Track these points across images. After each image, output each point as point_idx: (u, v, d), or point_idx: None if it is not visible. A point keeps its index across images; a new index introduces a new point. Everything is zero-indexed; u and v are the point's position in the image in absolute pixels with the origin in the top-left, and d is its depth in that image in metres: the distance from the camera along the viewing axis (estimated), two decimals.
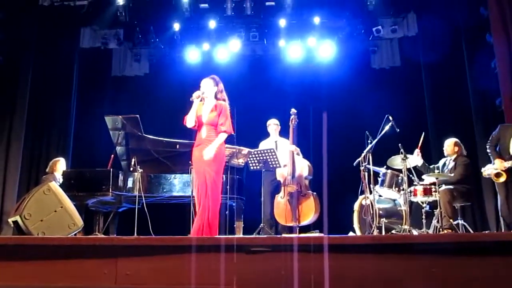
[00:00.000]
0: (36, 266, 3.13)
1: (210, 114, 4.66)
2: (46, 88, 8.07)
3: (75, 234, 4.79)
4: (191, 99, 4.65)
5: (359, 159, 5.66)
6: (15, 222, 4.57)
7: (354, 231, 5.90)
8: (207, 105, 4.73)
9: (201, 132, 4.64)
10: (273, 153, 5.91)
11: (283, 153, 6.17)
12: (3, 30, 7.41)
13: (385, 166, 5.99)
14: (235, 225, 6.30)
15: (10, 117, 7.57)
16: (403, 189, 5.64)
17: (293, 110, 6.19)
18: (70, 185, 6.00)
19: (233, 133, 4.75)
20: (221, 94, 4.78)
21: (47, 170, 6.60)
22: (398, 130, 5.64)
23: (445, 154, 6.08)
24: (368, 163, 5.62)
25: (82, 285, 3.03)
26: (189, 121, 4.63)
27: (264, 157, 5.93)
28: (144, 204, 6.06)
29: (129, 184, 6.22)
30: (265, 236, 5.42)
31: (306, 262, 2.94)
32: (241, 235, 6.01)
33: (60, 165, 6.62)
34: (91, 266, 3.06)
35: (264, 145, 6.34)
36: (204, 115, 4.67)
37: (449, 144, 6.05)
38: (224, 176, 6.22)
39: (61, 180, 6.36)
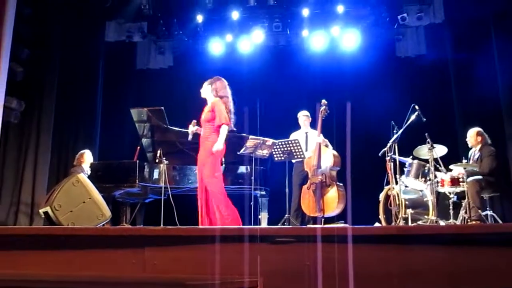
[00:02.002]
0: (67, 255, 3.22)
1: (206, 113, 4.98)
2: (73, 82, 8.22)
3: (103, 225, 4.91)
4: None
5: (385, 149, 5.63)
6: (46, 213, 4.71)
7: (379, 222, 5.88)
8: (207, 106, 5.04)
9: (202, 132, 4.99)
10: (297, 144, 5.93)
11: (313, 144, 6.20)
12: (30, 25, 7.57)
13: (411, 156, 5.93)
14: (259, 216, 6.36)
15: (38, 112, 7.75)
16: (429, 180, 5.58)
17: (323, 101, 6.19)
18: (97, 177, 6.14)
19: (230, 124, 4.95)
20: (217, 91, 5.02)
21: (74, 162, 6.74)
22: (425, 119, 5.57)
23: (469, 145, 5.98)
24: (394, 153, 5.58)
25: (111, 273, 3.11)
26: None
27: (289, 148, 5.95)
28: (170, 195, 6.16)
29: (155, 175, 6.33)
30: (290, 226, 5.46)
31: (330, 253, 2.94)
32: (266, 226, 6.06)
33: (87, 157, 6.76)
34: (120, 256, 3.13)
35: (294, 136, 6.38)
36: (202, 115, 4.99)
37: (472, 135, 5.94)
38: (247, 167, 6.29)
39: (89, 172, 6.49)
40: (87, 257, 3.20)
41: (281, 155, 6.01)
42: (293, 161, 6.36)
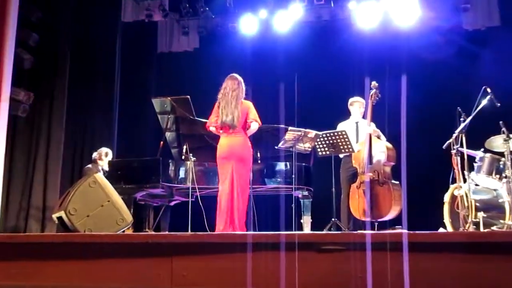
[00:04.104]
0: (85, 265, 3.33)
1: None
2: (86, 70, 8.43)
3: (123, 231, 5.04)
4: None
5: (450, 140, 5.53)
6: (60, 218, 4.84)
7: (444, 227, 5.80)
8: None
9: None
10: (345, 136, 5.92)
11: (363, 136, 6.19)
12: (38, 7, 7.78)
13: (482, 149, 5.81)
14: (301, 221, 6.39)
15: (49, 103, 7.98)
16: (505, 177, 5.46)
17: (374, 84, 6.16)
18: (116, 176, 6.29)
19: (210, 128, 5.67)
20: None
21: (94, 155, 6.94)
22: (499, 104, 5.45)
23: None
24: (461, 146, 5.48)
25: (134, 286, 3.20)
26: None
27: (335, 141, 5.95)
28: (198, 197, 6.25)
29: (181, 174, 6.44)
30: (336, 232, 5.46)
31: (382, 263, 2.94)
32: (309, 231, 6.08)
33: (106, 157, 6.93)
34: (144, 266, 3.21)
35: (342, 127, 6.37)
36: None
37: None
38: (287, 163, 6.32)
39: (106, 168, 6.66)
40: (107, 268, 3.30)
41: (326, 149, 6.01)
42: (341, 156, 6.36)
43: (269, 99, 8.35)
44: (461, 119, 5.52)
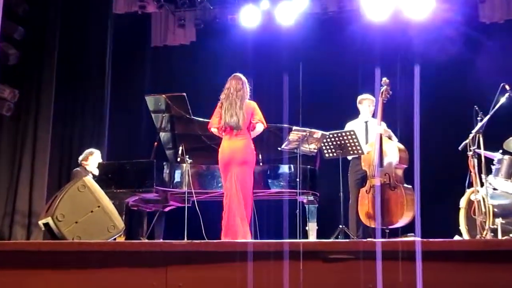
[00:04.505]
0: (74, 275, 3.33)
1: None
2: (76, 65, 8.44)
3: (114, 239, 5.04)
4: None
5: (466, 141, 5.53)
6: (46, 225, 4.83)
7: (460, 235, 5.80)
8: None
9: None
10: (354, 136, 5.92)
11: (373, 136, 6.19)
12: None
13: (500, 151, 5.81)
14: (307, 228, 6.38)
15: (36, 101, 7.99)
16: None
17: (384, 80, 6.17)
18: (106, 180, 6.29)
19: (212, 129, 5.80)
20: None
21: (80, 158, 6.94)
22: None
23: None
24: (478, 147, 5.48)
25: None
26: None
27: (342, 141, 5.96)
28: (195, 202, 6.26)
29: (177, 178, 6.45)
30: (344, 240, 5.46)
31: (394, 273, 2.94)
32: (315, 239, 6.08)
33: (95, 157, 6.93)
34: (137, 276, 3.21)
35: (350, 126, 6.37)
36: None
37: None
38: (291, 166, 6.32)
39: (95, 173, 6.66)
40: (97, 278, 3.29)
41: (333, 150, 6.01)
42: (349, 158, 6.36)
43: (271, 97, 8.33)
44: (478, 118, 5.52)
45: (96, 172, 6.73)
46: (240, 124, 5.56)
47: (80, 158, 7.05)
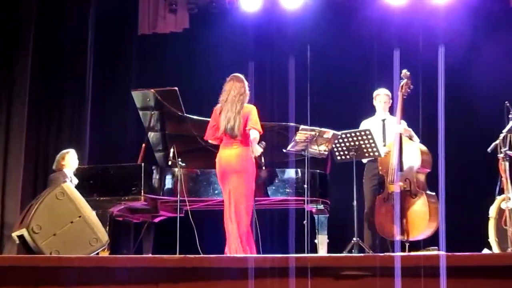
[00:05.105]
0: None
1: None
2: (53, 54, 8.42)
3: (98, 253, 5.06)
4: None
5: (496, 142, 5.55)
6: (21, 237, 4.87)
7: (489, 248, 5.82)
8: None
9: None
10: (369, 137, 5.93)
11: (392, 136, 6.20)
12: None
13: None
14: (316, 240, 6.39)
15: (8, 94, 7.95)
16: None
17: (404, 73, 6.17)
18: (88, 187, 6.29)
19: (207, 139, 5.89)
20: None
21: (54, 166, 6.93)
22: None
23: None
24: (510, 148, 5.50)
25: None
26: None
27: (357, 142, 5.96)
28: (189, 211, 6.27)
29: (168, 184, 6.45)
30: (358, 255, 5.47)
31: None
32: (325, 254, 6.09)
33: (71, 159, 6.92)
34: None
35: (365, 125, 6.38)
36: None
37: None
38: (298, 170, 6.33)
39: (74, 180, 6.68)
40: None
41: (346, 152, 6.02)
42: (364, 161, 6.37)
43: (275, 91, 8.37)
44: (510, 116, 5.54)
45: (76, 181, 6.71)
46: (235, 131, 5.63)
47: (56, 161, 7.04)
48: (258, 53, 8.18)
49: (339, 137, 5.99)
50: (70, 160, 6.86)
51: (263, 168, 6.41)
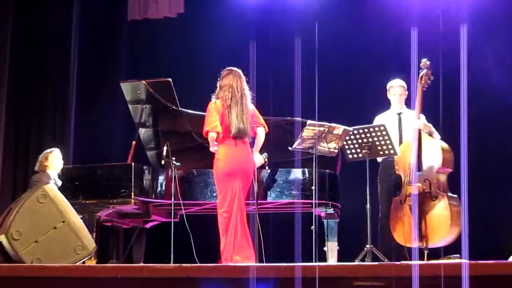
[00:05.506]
0: None
1: None
2: (34, 41, 8.44)
3: (83, 262, 5.08)
4: None
5: None
6: None
7: None
8: None
9: None
10: (384, 133, 5.93)
11: (410, 132, 6.19)
12: None
13: None
14: (325, 248, 6.40)
15: None
16: None
17: (424, 62, 6.16)
18: (73, 189, 6.33)
19: (215, 131, 5.68)
20: (219, 93, 5.85)
21: (36, 167, 6.94)
22: None
23: None
24: None
25: None
26: None
27: (370, 139, 5.96)
28: (184, 216, 6.28)
29: (161, 185, 6.48)
30: (372, 263, 5.48)
31: None
32: (335, 262, 6.10)
33: (55, 158, 6.93)
34: None
35: (381, 120, 6.38)
36: None
37: None
38: (305, 170, 6.34)
39: (59, 182, 6.69)
40: None
41: (359, 150, 6.02)
42: (379, 159, 6.38)
43: (280, 82, 8.36)
44: None
45: (60, 183, 6.72)
46: (246, 133, 5.74)
47: (39, 161, 7.05)
48: (261, 40, 8.14)
49: (351, 133, 5.99)
50: (54, 160, 6.87)
51: (266, 168, 6.42)
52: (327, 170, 6.50)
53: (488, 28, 7.76)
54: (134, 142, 6.66)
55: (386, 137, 5.96)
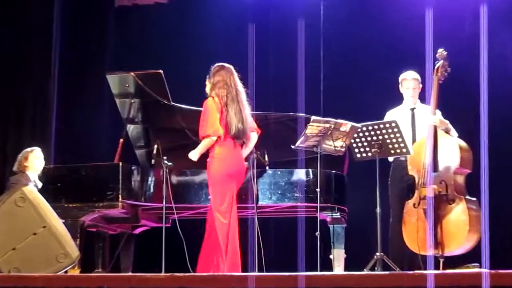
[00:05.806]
0: None
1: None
2: (13, 29, 8.46)
3: (66, 271, 5.07)
4: None
5: None
6: None
7: None
8: None
9: None
10: (396, 130, 5.93)
11: (424, 129, 6.19)
12: None
13: None
14: (331, 256, 6.41)
15: None
16: None
17: (441, 52, 6.15)
18: (54, 191, 6.31)
19: (218, 135, 5.75)
20: (213, 90, 5.90)
21: (14, 168, 6.94)
22: None
23: None
24: None
25: None
26: None
27: (380, 136, 5.96)
28: (177, 220, 6.28)
29: (151, 187, 6.48)
30: (383, 273, 5.48)
31: None
32: (342, 271, 6.10)
33: (36, 158, 6.93)
34: None
35: (391, 116, 6.38)
36: None
37: None
38: (309, 171, 6.34)
39: (39, 184, 6.69)
40: None
41: (368, 149, 6.02)
42: (390, 159, 6.37)
43: (281, 74, 8.36)
44: None
45: (40, 184, 6.72)
46: (247, 133, 5.86)
47: (18, 161, 7.05)
48: (260, 30, 8.13)
49: (359, 130, 5.99)
50: (34, 160, 6.87)
51: (267, 168, 6.42)
52: (333, 171, 6.49)
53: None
54: (121, 140, 6.65)
55: (398, 135, 5.95)
